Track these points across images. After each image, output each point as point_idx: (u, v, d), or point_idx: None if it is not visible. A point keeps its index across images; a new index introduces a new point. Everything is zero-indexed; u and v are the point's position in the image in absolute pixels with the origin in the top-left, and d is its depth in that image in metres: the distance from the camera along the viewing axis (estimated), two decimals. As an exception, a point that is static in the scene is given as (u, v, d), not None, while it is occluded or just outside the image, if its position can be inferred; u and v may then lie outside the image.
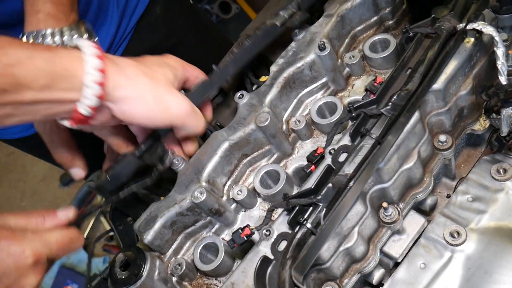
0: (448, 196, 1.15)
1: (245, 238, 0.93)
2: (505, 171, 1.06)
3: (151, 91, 0.84)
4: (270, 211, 0.95)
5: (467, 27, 0.90)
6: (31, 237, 0.77)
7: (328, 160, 0.94)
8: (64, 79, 0.75)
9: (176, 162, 1.02)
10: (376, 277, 1.04)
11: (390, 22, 1.11)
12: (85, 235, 3.38)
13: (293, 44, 1.05)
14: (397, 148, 0.90)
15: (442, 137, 1.01)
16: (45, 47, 0.76)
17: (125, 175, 0.98)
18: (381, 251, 1.00)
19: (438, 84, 0.93)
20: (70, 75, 0.75)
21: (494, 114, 1.05)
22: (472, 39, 0.94)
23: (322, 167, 0.91)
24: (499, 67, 0.90)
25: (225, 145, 0.99)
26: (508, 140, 0.98)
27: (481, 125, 1.04)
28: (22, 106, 0.74)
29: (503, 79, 0.90)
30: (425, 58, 0.90)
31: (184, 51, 1.65)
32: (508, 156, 1.07)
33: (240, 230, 0.93)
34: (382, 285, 1.06)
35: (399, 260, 1.03)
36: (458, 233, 1.03)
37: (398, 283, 1.03)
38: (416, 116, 0.90)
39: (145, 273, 0.97)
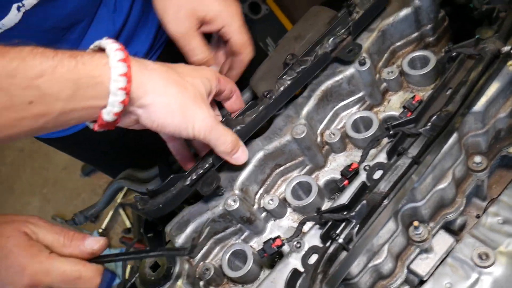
0: (478, 217, 1.14)
1: (276, 249, 0.94)
2: (539, 196, 1.05)
3: (178, 101, 0.83)
4: (302, 223, 0.96)
5: (512, 51, 0.89)
6: (40, 259, 0.75)
7: (362, 176, 0.94)
8: (91, 87, 0.73)
9: (211, 168, 1.03)
10: (401, 294, 1.04)
11: (431, 39, 1.10)
12: (103, 227, 3.43)
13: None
14: (433, 169, 0.90)
15: (478, 159, 1.00)
16: (69, 54, 0.73)
17: (175, 204, 0.96)
18: (408, 269, 1.00)
19: (478, 107, 0.93)
20: (96, 82, 0.73)
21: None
22: (516, 63, 0.94)
23: (356, 184, 0.92)
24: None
25: (260, 155, 1.00)
26: (545, 166, 0.97)
27: (518, 148, 1.03)
28: (52, 116, 0.72)
29: (545, 106, 0.89)
30: (467, 80, 0.89)
31: None
32: (544, 181, 1.06)
33: (271, 240, 0.94)
34: (407, 302, 1.06)
35: (425, 279, 1.03)
36: (487, 255, 1.02)
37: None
38: (454, 137, 0.90)
39: (174, 276, 0.98)
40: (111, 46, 0.76)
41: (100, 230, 3.27)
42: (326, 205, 1.04)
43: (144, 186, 1.26)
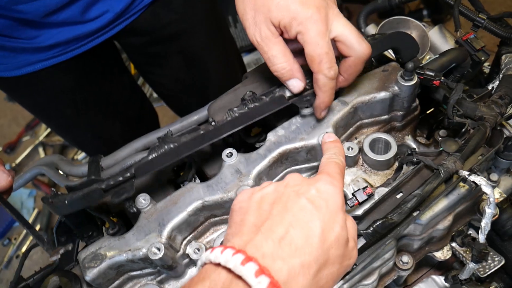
0: (389, 301, 1.19)
1: None
2: (447, 300, 1.10)
3: None
4: None
5: (469, 178, 0.90)
6: None
7: None
8: None
9: (143, 202, 0.96)
10: None
11: (398, 124, 1.08)
12: (17, 161, 3.22)
13: (298, 119, 1.01)
14: (362, 269, 0.91)
15: (405, 258, 1.03)
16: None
17: (83, 205, 0.91)
18: None
19: (423, 219, 0.94)
20: None
21: (458, 247, 1.08)
22: (468, 187, 0.95)
23: None
24: (482, 225, 0.91)
25: (198, 204, 0.94)
26: (463, 284, 1.01)
27: (443, 255, 1.06)
28: None
29: (482, 238, 0.91)
30: (420, 193, 0.89)
31: (191, 40, 1.57)
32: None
33: None
34: None
35: None
36: None
37: None
38: (392, 245, 0.90)
39: (77, 309, 0.93)
40: (248, 271, 0.59)
41: (14, 165, 3.06)
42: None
43: (68, 182, 1.16)
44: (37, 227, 2.87)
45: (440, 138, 1.08)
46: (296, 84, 0.94)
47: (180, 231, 0.95)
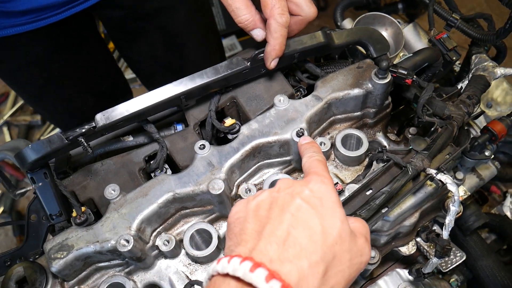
0: (353, 291, 1.22)
1: None
2: (411, 293, 1.14)
3: None
4: (189, 284, 0.92)
5: (436, 176, 0.92)
6: None
7: None
8: None
9: (113, 192, 0.95)
10: None
11: (370, 121, 1.10)
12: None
13: (272, 112, 1.01)
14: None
15: (372, 253, 1.05)
16: None
17: (48, 151, 0.93)
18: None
19: (390, 216, 0.96)
20: None
21: (423, 242, 1.11)
22: (434, 185, 0.97)
23: None
24: (446, 222, 0.93)
25: (169, 196, 0.94)
26: (425, 277, 1.05)
27: (408, 250, 1.09)
28: None
29: (445, 234, 0.94)
30: (388, 190, 0.91)
31: (172, 17, 1.54)
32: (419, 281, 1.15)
33: None
34: None
35: None
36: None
37: None
38: (359, 240, 0.92)
39: (41, 299, 0.91)
40: (258, 277, 0.58)
41: (-25, 144, 2.95)
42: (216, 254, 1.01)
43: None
44: (1, 209, 2.79)
45: (410, 135, 1.10)
46: (259, 33, 0.99)
47: (150, 223, 0.94)
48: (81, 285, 0.96)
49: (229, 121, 1.10)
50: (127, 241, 0.89)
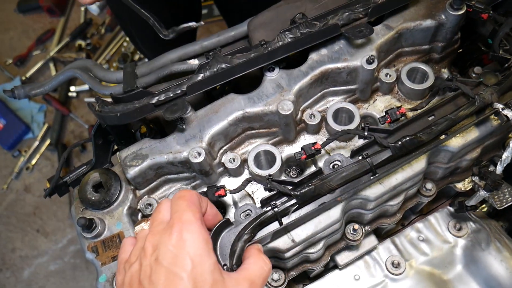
0: (403, 225, 1.25)
1: (217, 197, 0.92)
2: (460, 228, 1.16)
3: None
4: (248, 181, 0.93)
5: (502, 111, 0.92)
6: None
7: (323, 159, 0.95)
8: None
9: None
10: (314, 272, 1.13)
11: (436, 56, 1.09)
12: (28, 75, 3.21)
13: (342, 40, 1.01)
14: (393, 189, 0.95)
15: (429, 185, 1.07)
16: None
17: (134, 118, 0.93)
18: (331, 257, 1.08)
19: (455, 147, 0.96)
20: None
21: (478, 180, 1.12)
22: (499, 121, 0.97)
23: (313, 169, 0.93)
24: (503, 158, 0.94)
25: (238, 114, 0.96)
26: (468, 210, 1.06)
27: (463, 186, 1.10)
28: None
29: (499, 169, 0.95)
30: (452, 118, 0.90)
31: None
32: (470, 217, 1.17)
33: (215, 188, 0.93)
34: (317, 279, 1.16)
35: (340, 267, 1.13)
36: (399, 264, 1.14)
37: (329, 283, 1.14)
38: (423, 166, 0.94)
39: (116, 203, 0.97)
40: None
41: (24, 78, 3.04)
42: (278, 175, 1.04)
43: (102, 87, 1.17)
44: (47, 142, 2.91)
45: (474, 75, 1.09)
46: None
47: (219, 139, 0.98)
48: (151, 194, 1.02)
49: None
50: (199, 154, 0.93)
